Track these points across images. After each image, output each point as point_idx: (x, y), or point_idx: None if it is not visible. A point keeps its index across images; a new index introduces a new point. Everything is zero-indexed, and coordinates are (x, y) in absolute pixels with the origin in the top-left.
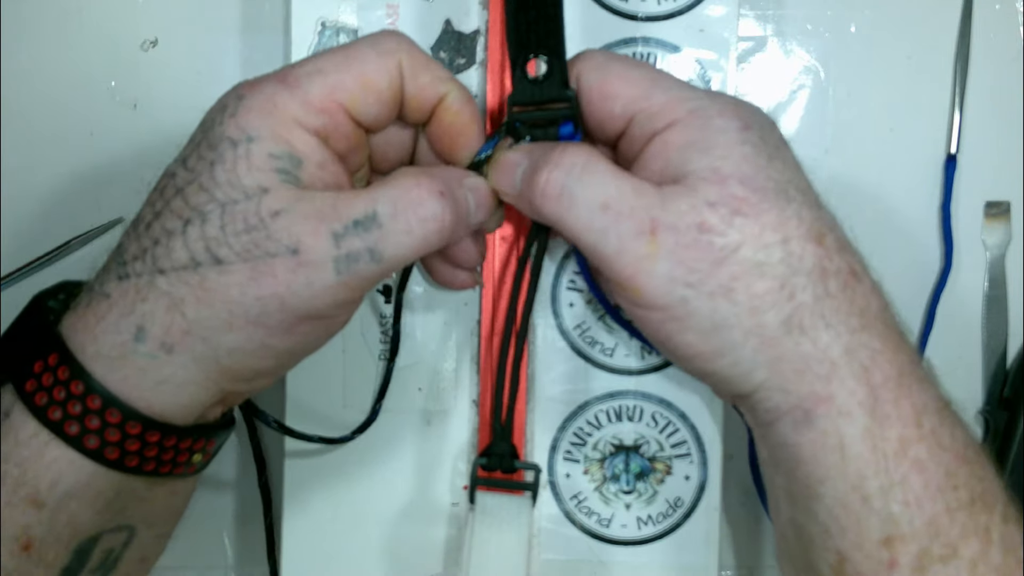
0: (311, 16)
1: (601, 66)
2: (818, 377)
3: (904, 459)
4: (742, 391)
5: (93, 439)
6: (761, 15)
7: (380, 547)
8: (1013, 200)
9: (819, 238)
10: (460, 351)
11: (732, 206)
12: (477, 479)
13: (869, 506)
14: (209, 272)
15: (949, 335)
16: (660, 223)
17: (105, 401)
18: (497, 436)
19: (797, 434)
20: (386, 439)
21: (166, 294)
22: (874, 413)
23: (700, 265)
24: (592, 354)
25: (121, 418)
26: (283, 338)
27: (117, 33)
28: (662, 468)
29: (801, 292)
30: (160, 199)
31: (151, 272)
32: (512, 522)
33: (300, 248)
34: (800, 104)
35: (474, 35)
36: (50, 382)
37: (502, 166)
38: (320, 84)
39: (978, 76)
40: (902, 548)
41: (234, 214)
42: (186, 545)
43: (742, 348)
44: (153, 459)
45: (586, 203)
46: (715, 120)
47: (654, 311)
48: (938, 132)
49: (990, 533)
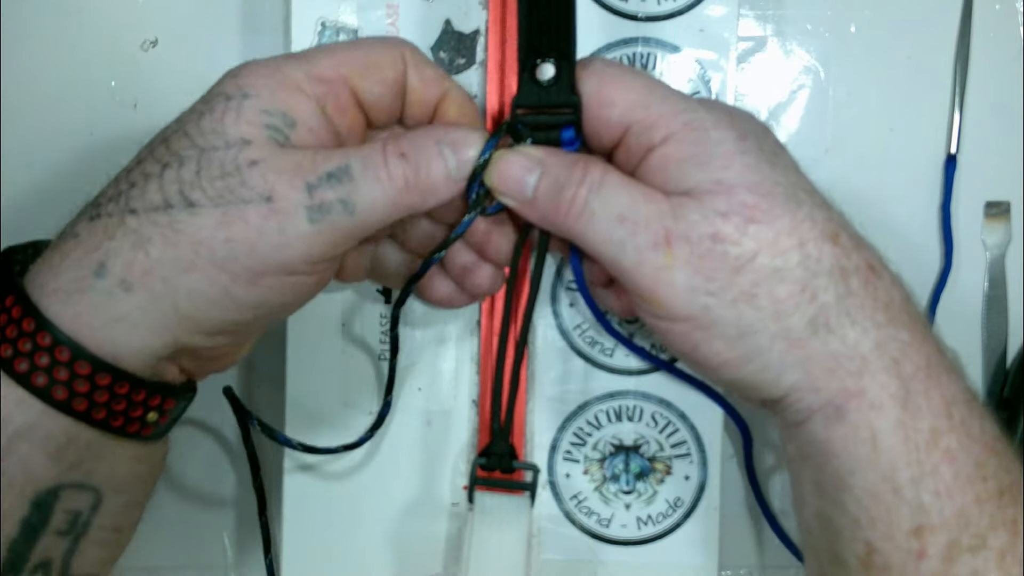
0: (311, 16)
1: (599, 72)
2: (849, 373)
3: (935, 449)
4: (773, 395)
5: (41, 377)
6: (761, 15)
7: (380, 547)
8: (1013, 200)
9: (834, 238)
10: (460, 351)
11: (745, 214)
12: (476, 479)
13: (900, 496)
14: (180, 214)
15: (949, 335)
16: (673, 234)
17: (55, 340)
18: (496, 436)
19: (829, 430)
20: (386, 439)
21: (134, 232)
22: (906, 405)
23: (718, 274)
24: (592, 354)
25: (70, 356)
26: (247, 288)
27: (117, 33)
28: (662, 468)
29: (823, 293)
30: (146, 150)
31: (122, 212)
32: (511, 522)
33: (273, 196)
34: (800, 104)
35: (474, 35)
36: (3, 321)
37: (510, 169)
38: (327, 57)
39: (978, 76)
40: (932, 538)
41: (211, 160)
42: (186, 545)
43: (769, 352)
44: (103, 406)
45: (605, 216)
46: (711, 132)
47: (678, 322)
48: (938, 132)
49: (1018, 524)
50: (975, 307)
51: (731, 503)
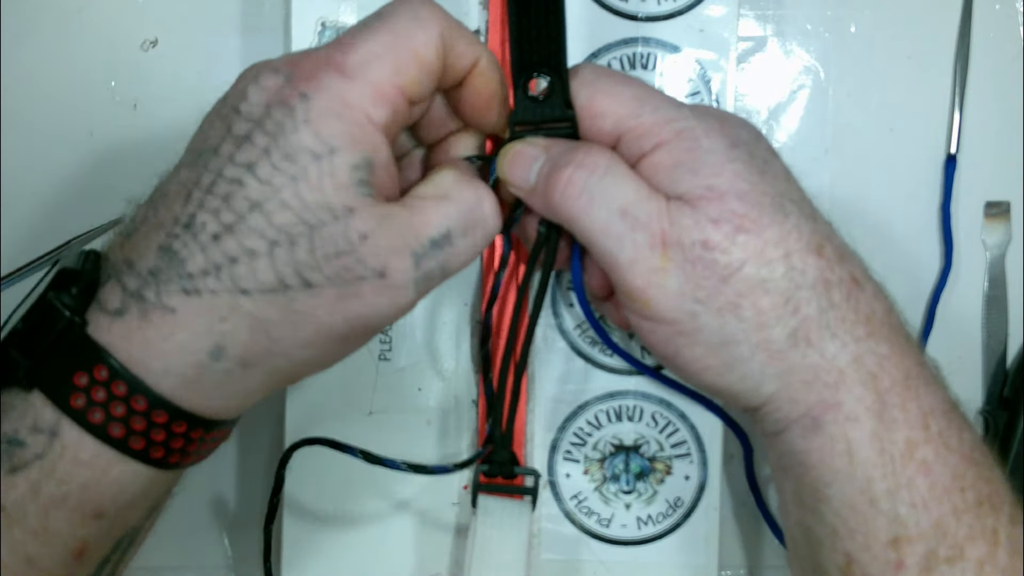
0: (311, 16)
1: (590, 83)
2: (826, 386)
3: (911, 461)
4: (752, 404)
5: (159, 450)
6: (761, 15)
7: (380, 547)
8: (1013, 200)
9: (819, 249)
10: (460, 351)
11: (734, 223)
12: (479, 484)
13: (876, 508)
14: (298, 295)
15: (949, 335)
16: (668, 236)
17: (173, 413)
18: (498, 444)
19: (806, 441)
20: (386, 439)
21: (250, 315)
22: (881, 417)
23: (707, 282)
24: (592, 354)
25: (186, 427)
26: (352, 348)
27: (117, 33)
28: (662, 468)
29: (806, 306)
30: (224, 206)
31: (231, 291)
32: (513, 523)
33: (387, 271)
34: (800, 104)
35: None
36: (104, 397)
37: (516, 158)
38: (379, 70)
39: (978, 76)
40: (909, 549)
41: (323, 238)
42: (186, 545)
43: (750, 362)
44: (193, 452)
45: (606, 206)
46: (702, 140)
47: (662, 324)
48: (938, 132)
49: (997, 535)
50: (975, 307)
51: (731, 503)
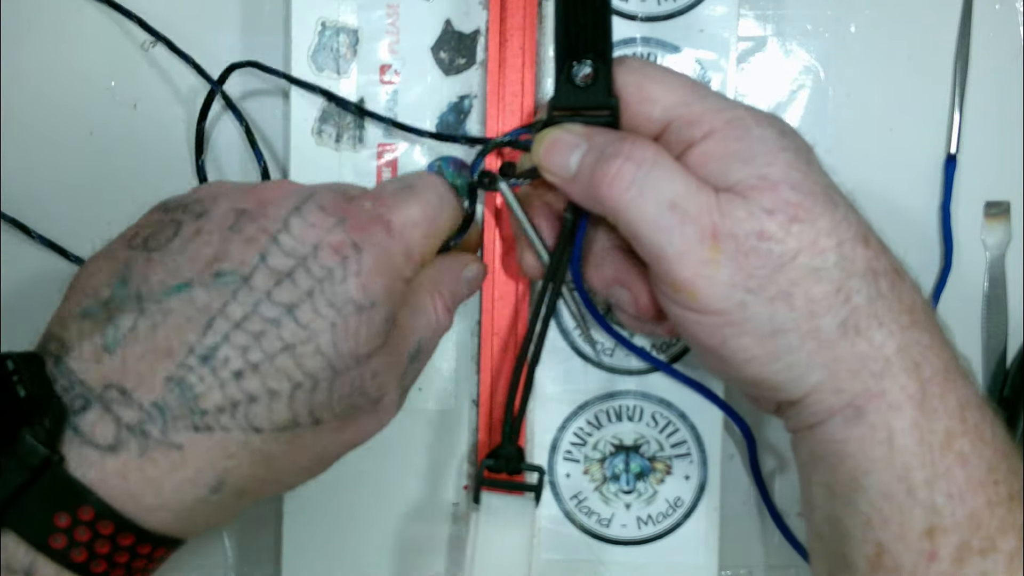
0: (311, 16)
1: (639, 70)
2: (872, 375)
3: (949, 451)
4: (792, 396)
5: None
6: (761, 15)
7: (380, 547)
8: (1013, 200)
9: (866, 240)
10: (460, 351)
11: (789, 213)
12: (482, 480)
13: (914, 497)
14: (306, 431)
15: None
16: (720, 229)
17: (156, 542)
18: (506, 439)
19: (846, 430)
20: (386, 439)
21: (257, 450)
22: (922, 406)
23: (760, 272)
24: (592, 354)
25: (164, 551)
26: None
27: (117, 33)
28: (662, 468)
29: (856, 295)
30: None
31: (244, 429)
32: (516, 522)
33: (382, 399)
34: (800, 104)
35: (474, 35)
36: (88, 537)
37: (555, 145)
38: (415, 235)
39: (978, 76)
40: (943, 540)
41: (343, 381)
42: (186, 545)
43: (798, 352)
44: (153, 571)
45: (655, 199)
46: (753, 130)
47: (709, 315)
48: (938, 132)
49: None
50: (975, 307)
51: (731, 503)
